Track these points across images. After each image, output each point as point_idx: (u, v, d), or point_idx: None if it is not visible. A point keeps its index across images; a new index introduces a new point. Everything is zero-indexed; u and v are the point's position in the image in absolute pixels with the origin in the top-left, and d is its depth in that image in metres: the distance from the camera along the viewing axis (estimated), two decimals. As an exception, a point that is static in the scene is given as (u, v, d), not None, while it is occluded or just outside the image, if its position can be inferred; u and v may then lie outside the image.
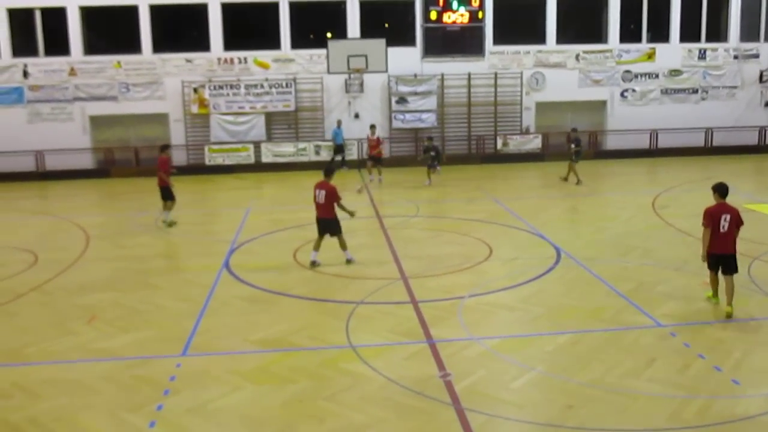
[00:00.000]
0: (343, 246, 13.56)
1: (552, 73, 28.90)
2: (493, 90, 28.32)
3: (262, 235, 16.34)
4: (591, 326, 10.18)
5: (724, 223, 10.46)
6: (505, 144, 28.15)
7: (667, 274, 12.63)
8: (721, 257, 10.52)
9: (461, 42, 28.45)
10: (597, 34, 29.63)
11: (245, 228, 17.13)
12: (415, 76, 27.77)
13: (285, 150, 27.37)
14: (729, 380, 8.41)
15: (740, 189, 21.55)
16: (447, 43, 28.32)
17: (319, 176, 13.66)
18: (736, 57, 30.06)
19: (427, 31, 28.01)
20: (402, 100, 27.80)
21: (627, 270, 12.90)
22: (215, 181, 24.96)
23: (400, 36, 27.92)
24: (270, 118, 27.66)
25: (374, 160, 23.84)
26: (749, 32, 30.15)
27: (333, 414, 7.72)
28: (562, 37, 29.01)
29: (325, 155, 27.17)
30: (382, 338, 9.87)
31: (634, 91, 29.66)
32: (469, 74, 28.12)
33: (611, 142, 29.37)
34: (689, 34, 29.82)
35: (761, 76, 30.12)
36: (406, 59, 27.71)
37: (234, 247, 15.21)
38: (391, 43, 26.28)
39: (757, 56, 30.15)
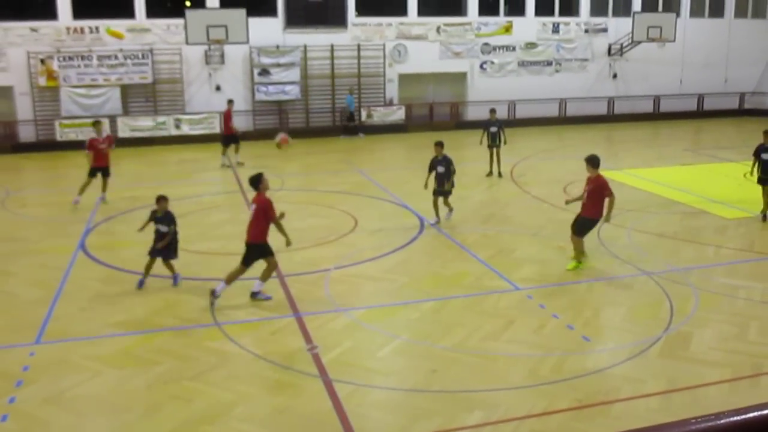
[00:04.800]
0: (265, 275, 10.26)
1: (414, 45, 29.26)
2: (357, 62, 28.37)
3: (120, 214, 15.71)
4: (453, 292, 10.51)
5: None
6: (369, 116, 28.33)
7: (524, 240, 13.20)
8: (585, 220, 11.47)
9: (324, 13, 28.20)
10: (457, 7, 30.23)
11: (102, 207, 16.38)
12: (278, 47, 27.34)
13: (143, 124, 26.29)
14: (580, 337, 8.94)
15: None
16: (309, 14, 28.00)
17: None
18: (586, 31, 31.55)
19: (288, 2, 27.57)
20: (264, 71, 27.33)
21: (486, 237, 13.37)
22: (68, 158, 23.62)
23: (262, 6, 27.34)
24: (126, 90, 26.45)
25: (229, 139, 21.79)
26: (598, 7, 31.70)
27: (200, 393, 7.59)
28: (423, 10, 29.39)
29: (187, 129, 26.33)
30: (249, 314, 9.78)
31: (492, 63, 30.55)
32: (332, 46, 28.00)
33: (472, 113, 30.15)
34: (543, 8, 30.98)
35: (609, 49, 31.78)
36: (268, 30, 27.22)
37: (90, 227, 14.54)
38: (251, 13, 25.68)
39: (605, 30, 31.76)
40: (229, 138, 21.60)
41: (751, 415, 1.17)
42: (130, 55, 26.05)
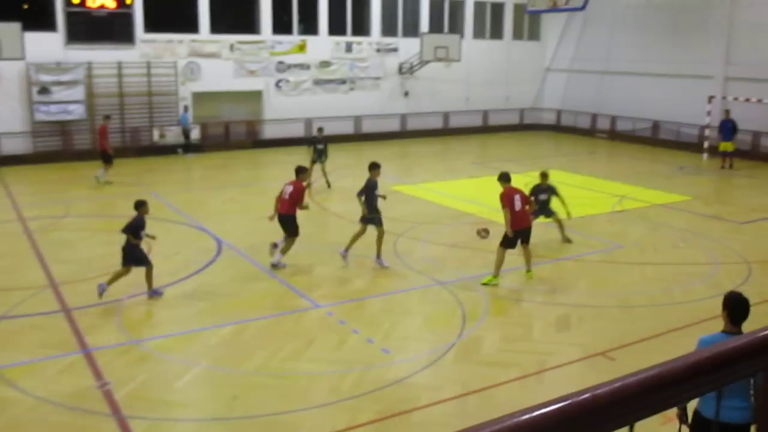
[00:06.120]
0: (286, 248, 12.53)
1: (207, 62, 28.61)
2: (147, 80, 27.25)
3: None
4: (254, 315, 10.33)
5: (518, 203, 11.85)
6: (162, 135, 27.26)
7: (323, 257, 13.27)
8: (521, 231, 11.84)
9: (109, 29, 26.82)
10: (250, 25, 29.99)
11: None
12: (58, 64, 25.60)
13: None
14: (380, 350, 9.12)
15: (387, 172, 23.45)
16: (93, 29, 26.49)
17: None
18: (378, 50, 32.56)
19: (70, 16, 25.92)
20: (44, 90, 25.46)
21: (286, 256, 13.28)
22: None
23: (39, 20, 25.49)
24: None
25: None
26: (389, 28, 32.83)
27: (-29, 447, 6.85)
28: (216, 27, 28.86)
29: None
30: (30, 354, 9.00)
31: (288, 81, 30.63)
32: (120, 63, 26.71)
33: (269, 132, 30.04)
34: (336, 27, 31.55)
35: (400, 68, 33.02)
36: (47, 46, 25.41)
37: None
38: (28, 27, 23.87)
39: (396, 50, 32.94)
40: (107, 155, 21.09)
41: (507, 423, 1.21)
42: None
